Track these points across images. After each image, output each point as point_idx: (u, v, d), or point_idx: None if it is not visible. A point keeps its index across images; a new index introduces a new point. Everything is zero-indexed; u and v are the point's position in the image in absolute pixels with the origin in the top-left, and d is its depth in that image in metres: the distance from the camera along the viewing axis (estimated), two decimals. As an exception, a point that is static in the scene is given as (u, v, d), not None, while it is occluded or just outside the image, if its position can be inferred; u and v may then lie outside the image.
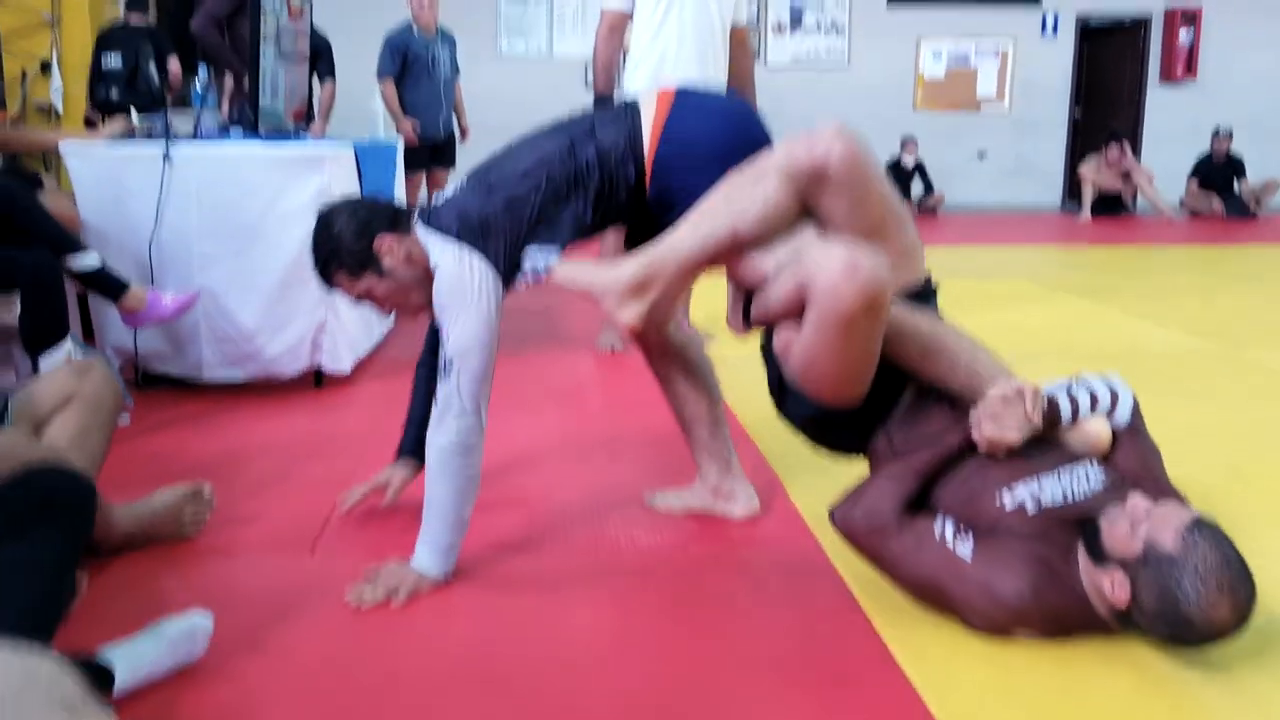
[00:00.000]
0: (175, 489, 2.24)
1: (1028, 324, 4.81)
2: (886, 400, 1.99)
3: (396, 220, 2.08)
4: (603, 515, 2.44)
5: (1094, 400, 1.96)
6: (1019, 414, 1.85)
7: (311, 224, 2.10)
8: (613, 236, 3.17)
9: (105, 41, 7.19)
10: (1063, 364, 4.00)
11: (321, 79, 6.57)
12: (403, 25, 6.49)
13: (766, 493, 2.49)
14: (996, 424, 1.85)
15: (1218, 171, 11.08)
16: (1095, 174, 10.77)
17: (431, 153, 6.60)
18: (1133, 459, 1.95)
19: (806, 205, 1.91)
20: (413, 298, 2.09)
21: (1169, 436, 2.14)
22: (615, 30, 3.79)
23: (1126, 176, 10.88)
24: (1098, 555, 1.73)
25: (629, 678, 1.72)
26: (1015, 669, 1.71)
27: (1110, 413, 1.96)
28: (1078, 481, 1.85)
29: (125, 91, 7.09)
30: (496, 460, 2.73)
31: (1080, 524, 1.80)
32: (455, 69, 6.68)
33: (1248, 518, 2.33)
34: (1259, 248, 8.11)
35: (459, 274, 2.00)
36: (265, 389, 3.50)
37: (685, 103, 2.12)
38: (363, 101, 5.88)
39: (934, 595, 1.85)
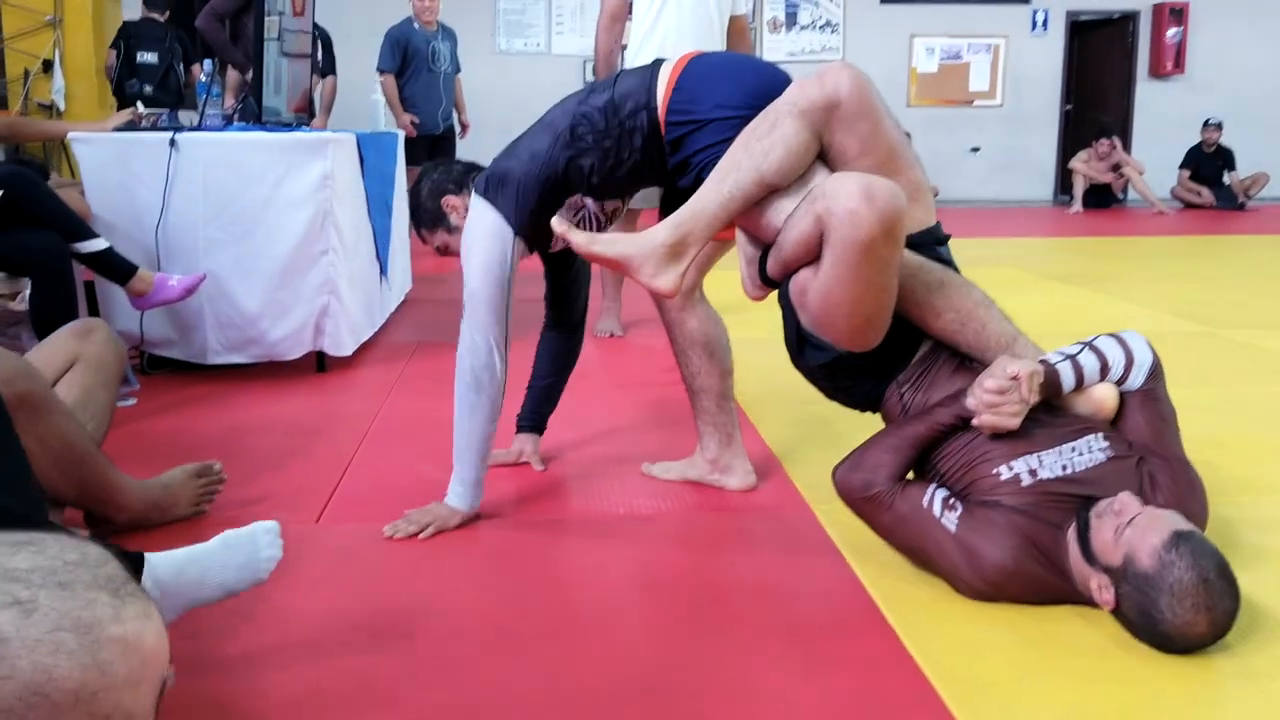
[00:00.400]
0: (185, 467, 2.28)
1: (1017, 308, 4.86)
2: (901, 352, 2.02)
3: (463, 181, 2.36)
4: (602, 484, 2.51)
5: (1104, 366, 1.96)
6: (1015, 401, 1.87)
7: (316, 208, 2.21)
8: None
9: (137, 38, 7.27)
10: (1049, 346, 4.07)
11: (323, 74, 6.64)
12: (404, 20, 6.56)
13: (763, 470, 2.55)
14: (994, 413, 1.87)
15: (1208, 162, 11.18)
16: (1086, 167, 10.87)
17: (431, 147, 6.66)
18: (1140, 424, 1.95)
19: (823, 144, 1.93)
20: None
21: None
22: (616, 19, 3.86)
23: (1117, 169, 10.98)
24: (1088, 554, 1.76)
25: (627, 632, 1.79)
26: (997, 624, 1.78)
27: (1123, 378, 1.96)
28: (1079, 454, 1.88)
29: (159, 88, 7.18)
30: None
31: (1077, 505, 1.82)
32: (455, 64, 6.75)
33: (1228, 485, 2.42)
34: (1248, 238, 8.19)
35: (471, 226, 2.19)
36: (269, 372, 3.57)
37: (705, 57, 2.16)
38: (364, 96, 5.95)
39: (922, 561, 1.93)
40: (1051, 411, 1.94)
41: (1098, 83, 12.50)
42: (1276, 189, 11.51)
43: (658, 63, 2.16)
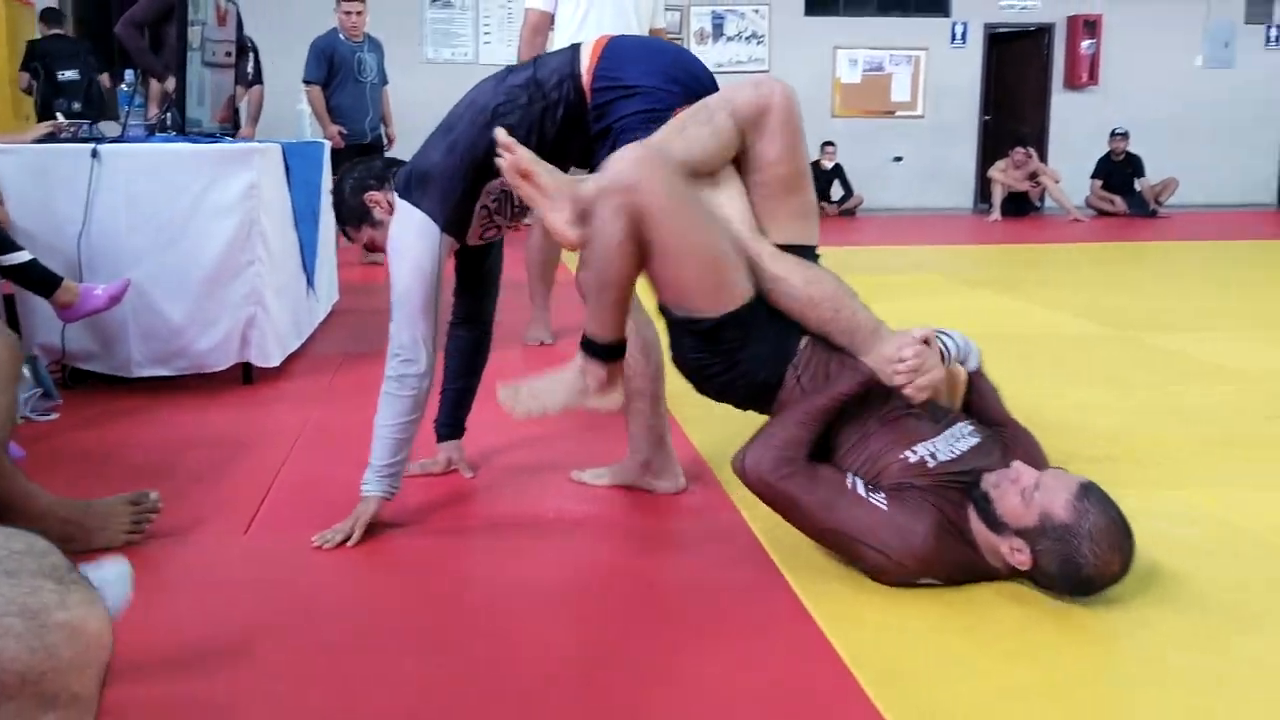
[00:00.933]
0: (121, 495, 2.19)
1: (938, 312, 5.01)
2: (789, 333, 2.06)
3: (384, 176, 2.38)
4: (532, 490, 2.54)
5: (949, 353, 2.13)
6: (933, 364, 1.99)
7: (241, 218, 2.23)
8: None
9: (53, 56, 7.16)
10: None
11: (250, 84, 6.58)
12: (329, 31, 6.54)
13: (692, 473, 2.59)
14: (918, 377, 1.97)
15: (1118, 170, 11.53)
16: (1004, 176, 11.15)
17: (358, 158, 6.63)
18: (989, 399, 2.17)
19: (744, 146, 2.04)
20: None
21: (1069, 411, 2.30)
22: (538, 30, 3.89)
23: (1034, 178, 11.28)
24: (993, 524, 1.86)
25: (557, 632, 1.83)
26: (915, 613, 1.84)
27: (965, 360, 2.16)
28: (957, 439, 2.01)
29: (85, 103, 7.08)
30: (425, 443, 2.82)
31: (967, 485, 1.92)
32: (382, 75, 6.74)
33: (1136, 479, 2.52)
34: (1159, 244, 8.47)
35: (398, 225, 2.23)
36: (194, 385, 3.54)
37: (624, 38, 2.26)
38: (291, 106, 5.91)
39: (846, 543, 1.93)
40: (923, 405, 2.05)
41: (1015, 94, 12.83)
42: (1186, 195, 11.91)
43: (576, 45, 2.24)
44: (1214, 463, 2.72)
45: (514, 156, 2.00)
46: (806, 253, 2.12)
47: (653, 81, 2.13)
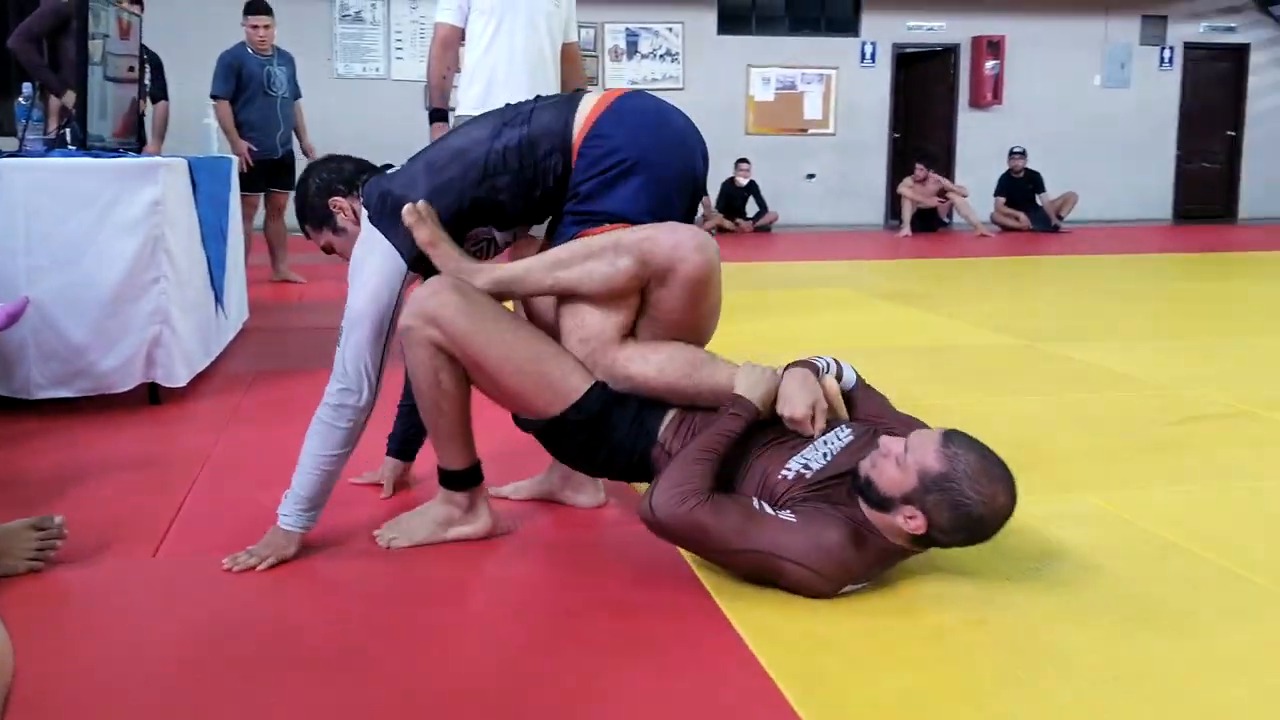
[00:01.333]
0: (23, 520, 2.11)
1: (851, 326, 5.11)
2: (645, 427, 2.11)
3: (353, 182, 2.29)
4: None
5: (818, 368, 2.20)
6: (813, 385, 2.09)
7: (146, 235, 2.16)
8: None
9: None
10: (880, 358, 4.28)
11: (154, 98, 6.43)
12: (237, 45, 6.43)
13: (613, 489, 2.56)
14: (808, 423, 2.05)
15: (1019, 187, 11.86)
16: (913, 192, 11.38)
17: (270, 172, 6.52)
18: (872, 405, 2.23)
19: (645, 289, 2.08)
20: None
21: (971, 420, 2.35)
22: (448, 46, 3.87)
23: (943, 194, 11.54)
24: (881, 503, 1.90)
25: (478, 648, 1.81)
26: (835, 621, 1.86)
27: (840, 377, 2.22)
28: (831, 443, 2.05)
29: None
30: (365, 463, 2.78)
31: (847, 477, 1.97)
32: (294, 89, 6.63)
33: (1040, 485, 2.58)
34: (1061, 258, 8.73)
35: (360, 249, 2.18)
36: (98, 406, 3.43)
37: (625, 103, 2.18)
38: (196, 120, 5.79)
39: (766, 563, 1.91)
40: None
41: (923, 112, 13.14)
42: (1087, 211, 12.28)
43: (577, 95, 2.19)
44: (1116, 467, 2.80)
45: (422, 231, 2.08)
46: None
47: (611, 170, 2.10)
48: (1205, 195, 13.75)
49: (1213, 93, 13.60)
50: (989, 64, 12.78)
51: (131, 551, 2.22)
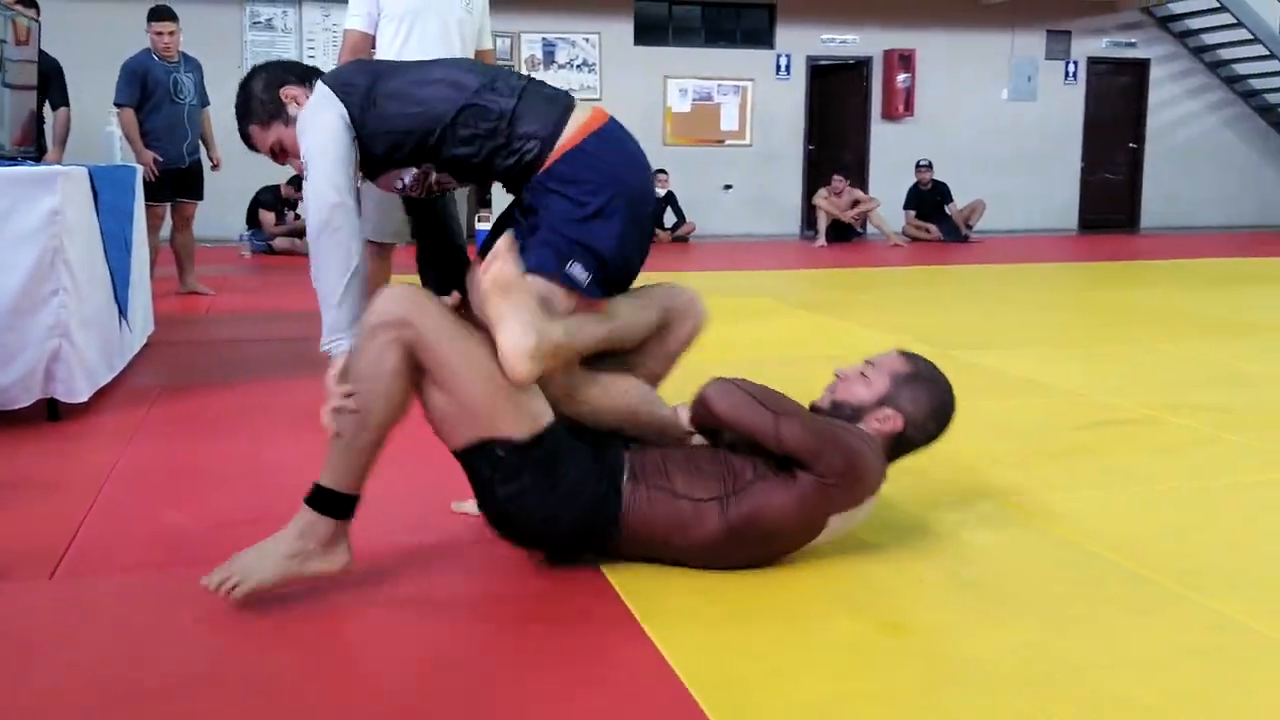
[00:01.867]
0: None
1: (769, 334, 5.16)
2: (605, 462, 2.07)
3: (305, 76, 2.25)
4: (383, 518, 2.46)
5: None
6: None
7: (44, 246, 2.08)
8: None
9: None
10: (799, 366, 4.31)
11: (54, 106, 6.24)
12: (141, 51, 6.26)
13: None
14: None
15: (927, 199, 12.09)
16: (827, 203, 11.54)
17: (176, 183, 6.36)
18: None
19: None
20: None
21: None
22: (357, 52, 3.81)
23: (856, 205, 11.71)
24: (850, 416, 2.13)
25: (398, 664, 1.77)
26: (751, 628, 1.87)
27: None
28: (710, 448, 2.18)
29: None
30: (277, 479, 2.71)
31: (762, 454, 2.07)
32: (202, 96, 6.48)
33: (947, 490, 2.64)
34: (971, 267, 8.91)
35: (308, 110, 2.14)
36: (-6, 423, 3.31)
37: (613, 129, 2.17)
38: (98, 128, 5.61)
39: (819, 428, 2.03)
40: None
41: (837, 124, 13.33)
42: (996, 221, 12.57)
43: (571, 107, 2.15)
44: (1026, 472, 2.86)
45: (491, 273, 1.98)
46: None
47: (598, 202, 2.07)
48: (1109, 205, 14.18)
49: (1115, 106, 14.05)
50: (901, 77, 13.03)
51: (28, 575, 2.13)
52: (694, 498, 2.02)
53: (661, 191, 11.67)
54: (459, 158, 2.13)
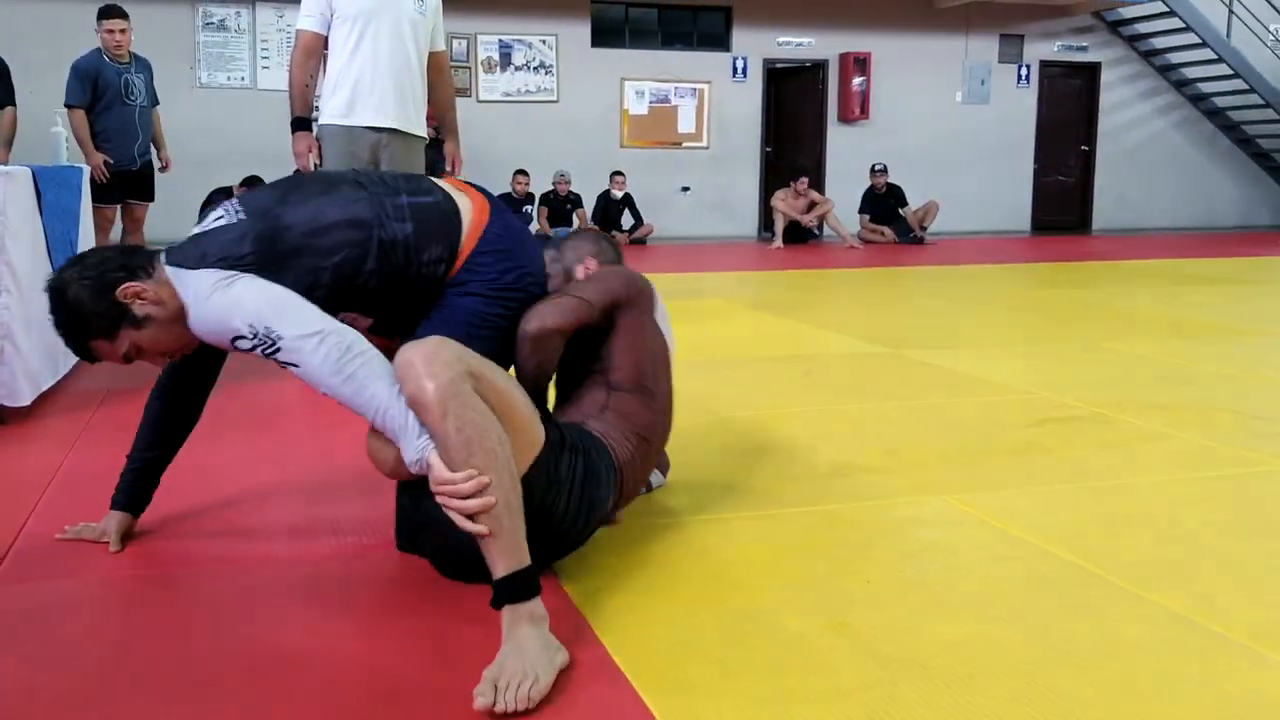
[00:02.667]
0: None
1: (725, 334, 5.17)
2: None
3: (134, 266, 1.96)
4: (321, 530, 2.44)
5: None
6: None
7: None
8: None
9: None
10: (753, 367, 4.33)
11: (0, 105, 6.13)
12: (91, 52, 6.17)
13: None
14: None
15: (881, 202, 12.19)
16: (785, 205, 11.59)
17: (126, 184, 6.27)
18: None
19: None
20: (184, 336, 1.99)
21: (840, 424, 2.37)
22: (310, 53, 3.78)
23: (813, 207, 11.78)
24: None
25: (329, 670, 1.75)
26: (699, 628, 1.87)
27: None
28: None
29: None
30: (224, 482, 2.68)
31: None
32: (152, 97, 6.40)
33: (902, 486, 2.65)
34: (924, 269, 8.99)
35: (212, 295, 1.91)
36: (-66, 428, 3.25)
37: (501, 216, 2.21)
38: (45, 129, 5.52)
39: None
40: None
41: (794, 127, 13.40)
42: (950, 223, 12.69)
43: (446, 195, 2.15)
44: (974, 469, 2.88)
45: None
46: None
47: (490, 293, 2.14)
48: (1061, 207, 14.36)
49: (1067, 109, 14.23)
50: (856, 80, 13.12)
51: (-36, 581, 2.09)
52: (596, 405, 2.20)
53: (619, 194, 11.68)
54: (373, 292, 2.06)
